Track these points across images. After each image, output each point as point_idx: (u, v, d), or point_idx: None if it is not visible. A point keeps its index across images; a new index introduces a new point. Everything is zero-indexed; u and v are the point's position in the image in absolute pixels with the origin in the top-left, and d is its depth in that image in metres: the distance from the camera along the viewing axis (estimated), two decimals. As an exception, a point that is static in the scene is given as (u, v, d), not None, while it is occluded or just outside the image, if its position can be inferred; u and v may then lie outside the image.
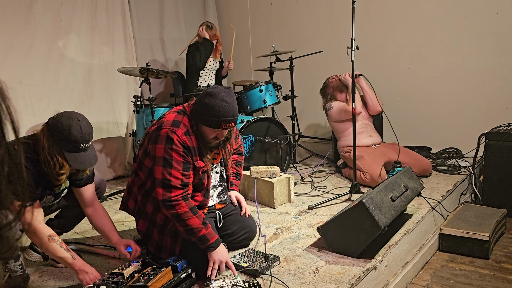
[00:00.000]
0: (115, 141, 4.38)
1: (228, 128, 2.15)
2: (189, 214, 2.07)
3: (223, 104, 2.06)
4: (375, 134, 3.93)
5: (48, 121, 2.01)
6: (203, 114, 2.09)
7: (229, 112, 2.08)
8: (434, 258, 2.95)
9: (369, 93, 3.88)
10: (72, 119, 1.98)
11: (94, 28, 4.19)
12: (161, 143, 2.07)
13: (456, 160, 3.99)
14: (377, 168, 3.47)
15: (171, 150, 2.06)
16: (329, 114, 3.95)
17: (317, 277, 2.11)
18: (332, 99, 3.99)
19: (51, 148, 1.97)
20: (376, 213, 2.25)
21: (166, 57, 5.17)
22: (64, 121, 1.97)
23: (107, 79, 4.29)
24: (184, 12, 5.35)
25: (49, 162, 1.97)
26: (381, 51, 4.66)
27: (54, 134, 1.96)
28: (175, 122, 2.12)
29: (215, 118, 2.08)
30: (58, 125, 1.96)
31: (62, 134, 1.96)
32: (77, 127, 1.97)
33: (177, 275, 1.99)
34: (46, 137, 1.97)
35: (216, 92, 2.08)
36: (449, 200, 3.33)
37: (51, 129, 1.97)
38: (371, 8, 4.61)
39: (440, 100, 4.38)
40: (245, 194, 3.31)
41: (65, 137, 1.96)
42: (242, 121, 3.66)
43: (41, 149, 1.97)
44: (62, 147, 1.97)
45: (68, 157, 1.99)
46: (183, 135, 2.08)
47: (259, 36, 5.69)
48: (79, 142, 1.98)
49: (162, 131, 2.08)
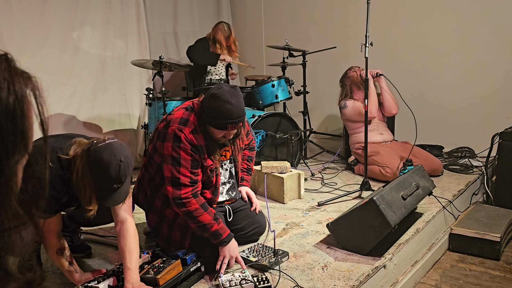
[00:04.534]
0: (127, 133, 4.41)
1: (234, 129, 2.15)
2: (200, 210, 2.09)
3: (228, 106, 2.05)
4: (387, 132, 3.92)
5: (90, 148, 1.81)
6: (209, 116, 2.10)
7: (234, 114, 2.07)
8: (443, 258, 2.93)
9: (387, 94, 3.85)
10: (114, 157, 1.78)
11: (108, 21, 4.21)
12: (168, 141, 2.08)
13: (468, 160, 3.94)
14: (396, 161, 3.48)
15: (179, 149, 2.07)
16: (342, 112, 3.93)
17: (326, 273, 2.11)
18: (348, 96, 3.95)
19: (84, 177, 1.80)
20: (386, 211, 2.24)
21: (179, 50, 5.17)
22: (105, 156, 1.77)
23: (120, 72, 4.31)
24: (197, 6, 5.36)
25: (79, 190, 1.82)
26: (395, 48, 4.62)
27: (90, 164, 1.79)
28: (183, 120, 2.12)
29: (220, 120, 2.08)
30: (98, 157, 1.78)
31: (98, 168, 1.78)
32: (116, 167, 1.78)
33: (187, 268, 2.01)
34: (82, 163, 1.80)
35: (221, 94, 2.07)
36: (461, 200, 3.30)
37: (90, 158, 1.79)
38: (386, 4, 4.57)
39: (453, 99, 4.33)
40: (255, 189, 3.32)
41: (100, 173, 1.79)
42: (254, 116, 3.66)
43: (74, 173, 1.81)
44: (94, 180, 1.80)
45: (98, 193, 1.83)
46: (190, 133, 2.09)
47: (272, 31, 5.67)
48: (113, 182, 1.81)
49: (170, 129, 2.09)
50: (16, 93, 0.55)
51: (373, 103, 3.73)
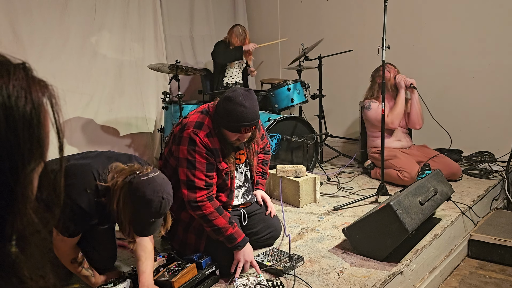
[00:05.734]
0: (143, 137, 4.46)
1: (248, 131, 2.15)
2: (215, 214, 2.10)
3: (241, 109, 2.06)
4: (406, 139, 3.85)
5: (132, 181, 1.76)
6: (223, 119, 2.11)
7: (247, 117, 2.08)
8: (462, 265, 2.87)
9: (416, 108, 3.75)
10: (156, 194, 1.75)
11: (126, 25, 4.27)
12: (184, 145, 2.10)
13: (488, 164, 3.87)
14: (414, 165, 3.43)
15: (194, 152, 2.08)
16: (364, 112, 3.87)
17: (342, 279, 2.09)
18: (374, 96, 3.84)
19: (125, 210, 1.76)
20: (403, 216, 2.20)
21: (195, 54, 5.21)
22: (148, 193, 1.73)
23: (137, 75, 4.37)
24: (213, 10, 5.39)
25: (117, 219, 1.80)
26: (413, 51, 4.56)
27: (132, 198, 1.75)
28: (198, 123, 2.14)
29: (234, 123, 2.09)
30: (140, 192, 1.73)
31: (140, 203, 1.75)
32: (158, 204, 1.75)
33: (202, 271, 2.01)
34: (123, 196, 1.76)
35: (235, 97, 2.08)
36: (480, 206, 3.23)
37: (132, 191, 1.75)
38: (403, 6, 4.52)
39: (473, 102, 4.26)
40: (271, 192, 3.31)
41: (141, 209, 1.75)
42: (269, 119, 3.66)
43: (114, 203, 1.77)
44: (134, 214, 1.77)
45: (135, 226, 1.80)
46: (205, 137, 2.10)
47: (288, 34, 5.65)
48: (152, 217, 1.79)
49: (185, 133, 2.11)
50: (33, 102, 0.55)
51: (398, 114, 3.65)
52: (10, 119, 0.53)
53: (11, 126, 0.53)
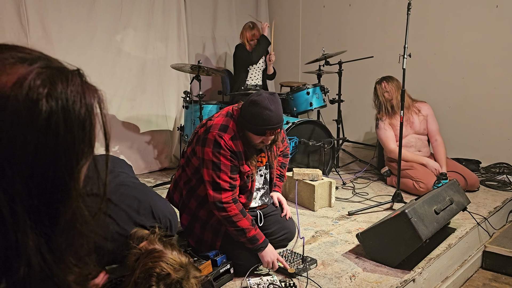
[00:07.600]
0: (163, 134, 4.53)
1: (272, 135, 2.19)
2: (239, 216, 2.14)
3: (267, 112, 2.10)
4: (424, 150, 3.78)
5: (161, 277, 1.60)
6: (248, 122, 2.15)
7: (273, 120, 2.12)
8: (476, 276, 2.86)
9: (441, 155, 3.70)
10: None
11: (150, 25, 4.35)
12: (209, 147, 2.14)
13: (506, 176, 3.83)
14: (431, 177, 3.41)
15: (219, 154, 2.12)
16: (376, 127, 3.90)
17: (354, 283, 2.12)
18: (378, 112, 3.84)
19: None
20: (418, 224, 2.22)
21: (216, 55, 5.28)
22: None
23: (159, 74, 4.44)
24: (236, 11, 5.45)
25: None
26: (434, 59, 4.54)
27: None
28: (223, 126, 2.18)
29: (259, 126, 2.13)
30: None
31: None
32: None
33: (216, 269, 2.06)
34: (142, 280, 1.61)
35: (260, 100, 2.12)
36: (497, 217, 3.21)
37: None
38: (426, 14, 4.50)
39: (493, 113, 4.22)
40: (286, 195, 3.34)
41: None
42: (288, 123, 3.69)
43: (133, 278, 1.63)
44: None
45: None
46: (230, 140, 2.15)
47: (309, 38, 5.69)
48: None
49: (210, 135, 2.15)
50: (87, 105, 0.61)
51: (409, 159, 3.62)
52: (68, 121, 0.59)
53: (69, 127, 0.59)
